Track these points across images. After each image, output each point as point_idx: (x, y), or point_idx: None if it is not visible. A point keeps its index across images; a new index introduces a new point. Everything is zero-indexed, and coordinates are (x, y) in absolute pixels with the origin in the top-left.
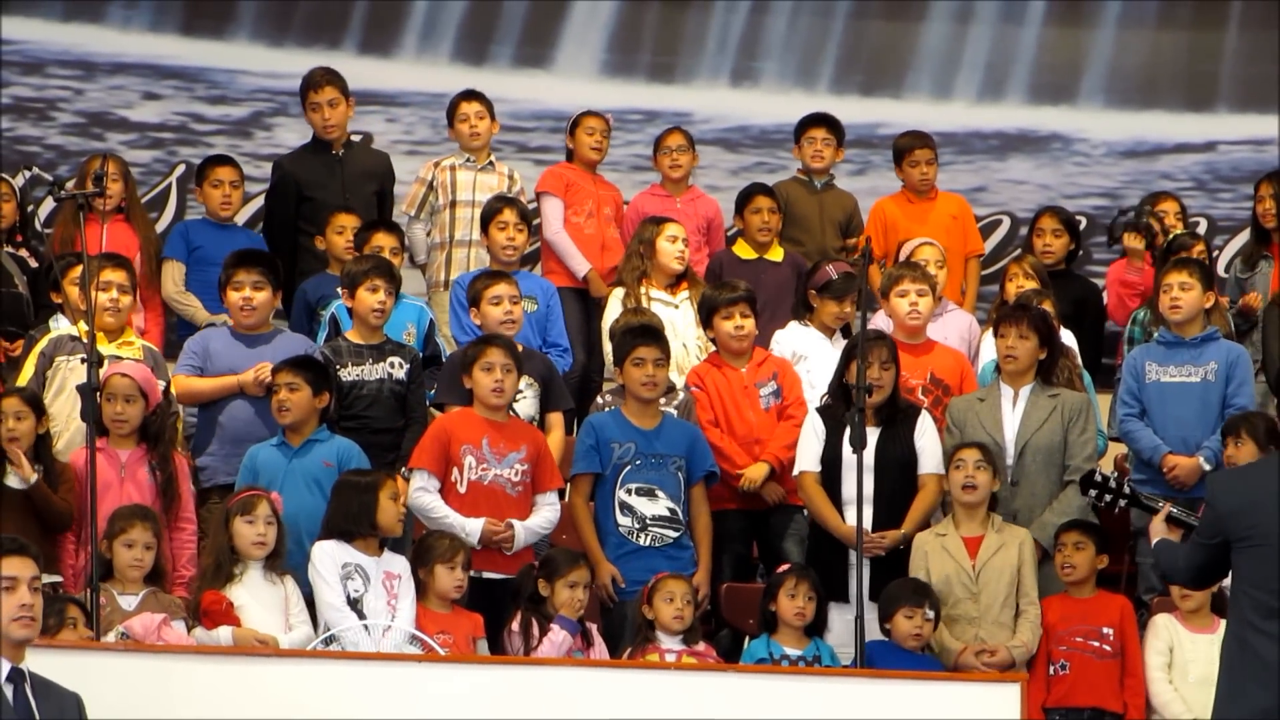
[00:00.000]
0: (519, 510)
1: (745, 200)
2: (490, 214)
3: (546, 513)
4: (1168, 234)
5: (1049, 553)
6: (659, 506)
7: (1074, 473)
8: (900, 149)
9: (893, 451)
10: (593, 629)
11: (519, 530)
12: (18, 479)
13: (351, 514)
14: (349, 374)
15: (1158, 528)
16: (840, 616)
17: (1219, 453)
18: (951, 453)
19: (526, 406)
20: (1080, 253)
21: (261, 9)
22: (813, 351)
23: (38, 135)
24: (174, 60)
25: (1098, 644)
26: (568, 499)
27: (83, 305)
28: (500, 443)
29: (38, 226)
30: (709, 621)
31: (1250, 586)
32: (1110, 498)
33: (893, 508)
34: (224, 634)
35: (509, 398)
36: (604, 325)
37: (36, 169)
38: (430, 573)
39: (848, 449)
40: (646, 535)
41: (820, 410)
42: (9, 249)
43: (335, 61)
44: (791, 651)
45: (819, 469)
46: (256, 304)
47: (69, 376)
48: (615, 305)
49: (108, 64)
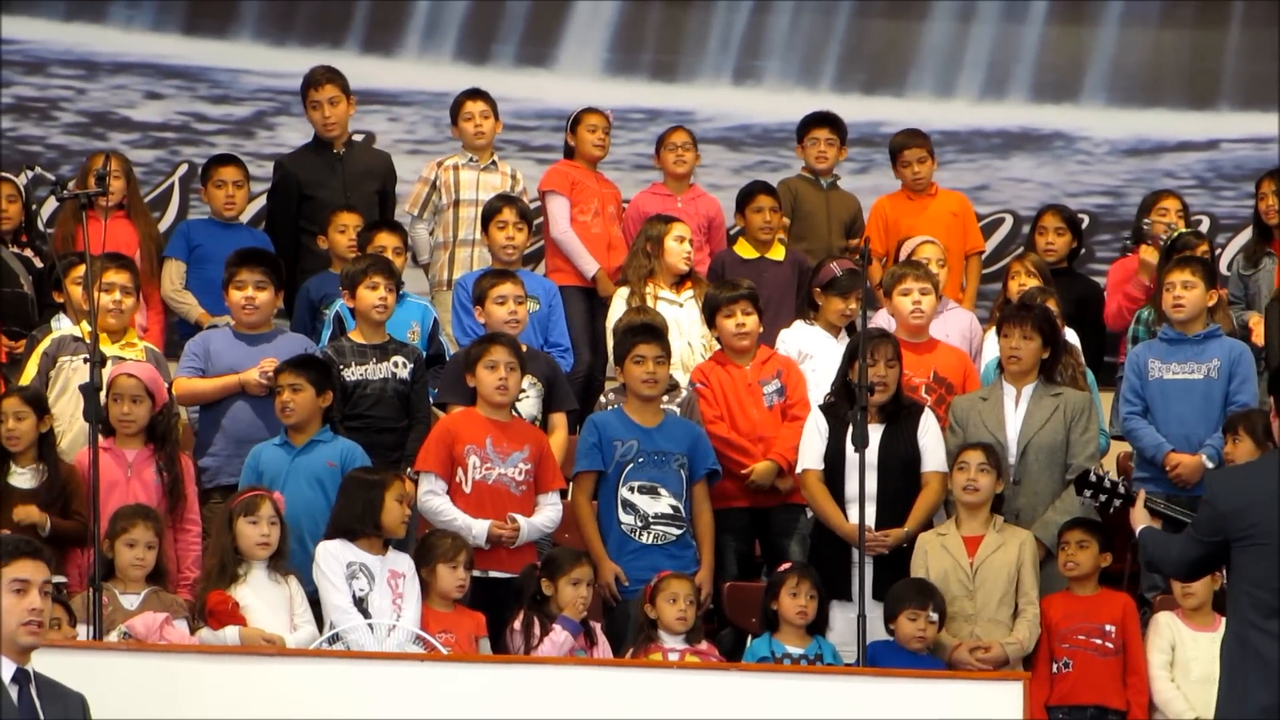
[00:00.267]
0: (523, 510)
1: (747, 199)
2: (490, 213)
3: (549, 512)
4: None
5: (1052, 551)
6: (661, 504)
7: (1076, 471)
8: (893, 148)
9: (896, 450)
10: (596, 628)
11: (523, 525)
12: (29, 475)
13: (356, 513)
14: (352, 374)
15: (1139, 515)
16: (842, 615)
17: (1221, 450)
18: (955, 453)
19: (529, 406)
20: (1083, 251)
21: (264, 8)
22: (818, 350)
23: (40, 135)
24: (176, 60)
25: (1100, 642)
26: (570, 497)
27: (85, 305)
28: (503, 442)
29: (41, 226)
30: (711, 620)
31: (1251, 585)
32: (1105, 498)
33: (896, 506)
34: (231, 634)
35: (513, 396)
36: (609, 324)
37: (39, 169)
38: (433, 572)
39: (850, 447)
40: (649, 533)
41: (823, 408)
42: (14, 249)
43: (338, 61)
44: (794, 650)
45: (822, 467)
46: (259, 303)
47: (72, 376)
48: (620, 304)
49: (110, 63)
